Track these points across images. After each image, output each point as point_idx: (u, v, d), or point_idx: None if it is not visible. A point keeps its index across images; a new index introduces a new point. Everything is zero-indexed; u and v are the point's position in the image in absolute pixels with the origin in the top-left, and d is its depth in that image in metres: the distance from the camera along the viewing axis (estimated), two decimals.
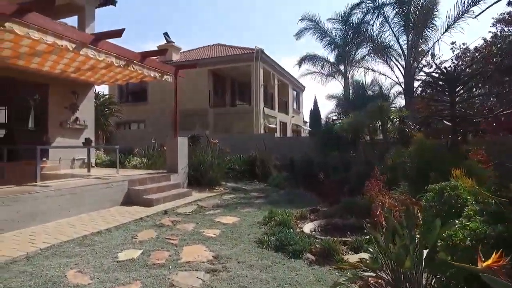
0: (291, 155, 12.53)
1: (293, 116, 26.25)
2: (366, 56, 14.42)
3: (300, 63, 15.91)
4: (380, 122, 9.67)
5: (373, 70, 14.34)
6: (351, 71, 15.86)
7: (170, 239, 4.68)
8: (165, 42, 19.62)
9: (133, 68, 7.79)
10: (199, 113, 19.24)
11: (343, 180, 8.58)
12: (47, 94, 9.27)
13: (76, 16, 10.37)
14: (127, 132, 18.45)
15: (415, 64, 13.12)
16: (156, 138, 12.86)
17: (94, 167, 10.57)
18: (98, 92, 14.30)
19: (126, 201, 6.79)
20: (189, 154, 9.48)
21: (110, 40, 6.81)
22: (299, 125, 28.54)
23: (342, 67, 16.07)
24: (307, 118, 33.14)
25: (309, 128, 31.48)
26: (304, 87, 29.83)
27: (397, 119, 9.71)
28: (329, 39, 15.27)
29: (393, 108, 11.52)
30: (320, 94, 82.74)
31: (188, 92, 19.42)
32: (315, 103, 34.53)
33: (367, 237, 3.95)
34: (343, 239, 4.37)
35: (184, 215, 6.11)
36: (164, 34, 19.86)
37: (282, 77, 22.62)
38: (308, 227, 5.35)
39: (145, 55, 7.77)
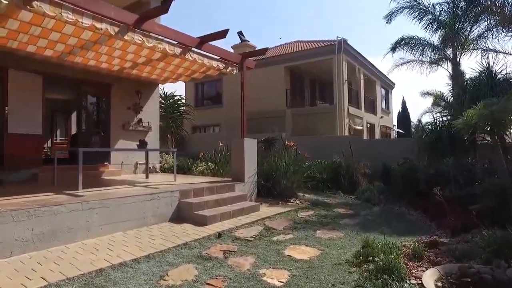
0: (383, 161, 10.08)
1: (381, 117, 23.01)
2: (487, 33, 11.09)
3: (394, 48, 13.08)
4: None
5: (496, 51, 10.90)
6: (461, 55, 12.50)
7: (212, 286, 3.08)
8: (240, 41, 18.74)
9: (191, 57, 6.56)
10: (275, 115, 17.77)
11: (465, 197, 6.04)
12: (109, 94, 8.73)
13: None
14: (200, 136, 17.94)
15: None
16: (228, 141, 11.67)
17: (158, 172, 9.79)
18: (167, 93, 13.90)
19: (176, 216, 5.48)
20: (260, 159, 7.94)
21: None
22: (389, 127, 25.02)
23: (449, 52, 12.83)
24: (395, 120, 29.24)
25: (398, 130, 27.59)
26: (393, 84, 26.22)
27: None
28: (430, 16, 12.28)
29: None
30: (409, 93, 74.60)
31: (263, 92, 18.15)
32: (403, 103, 30.36)
33: None
34: None
35: (243, 241, 4.48)
36: (238, 33, 19.02)
37: (368, 72, 19.83)
38: (430, 278, 3.22)
39: (203, 40, 6.47)
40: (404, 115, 30.06)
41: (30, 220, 3.79)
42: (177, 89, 48.26)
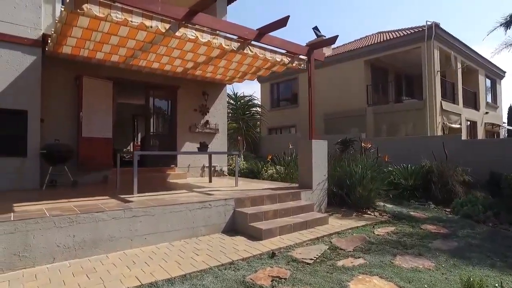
0: (489, 166, 8.11)
1: (486, 113, 19.40)
2: None
3: (509, 23, 10.39)
4: None
5: None
6: None
7: None
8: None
9: (251, 51, 6.04)
10: (354, 114, 16.29)
11: None
12: (175, 97, 8.74)
13: None
14: (273, 137, 17.39)
15: None
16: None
17: (226, 176, 9.51)
18: (237, 93, 13.68)
19: (230, 227, 4.95)
20: (333, 163, 7.03)
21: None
22: (497, 124, 21.04)
23: None
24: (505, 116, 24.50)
25: (510, 127, 23.08)
26: (503, 72, 22.01)
27: None
28: None
29: None
30: None
31: (341, 90, 16.83)
32: None
33: None
34: None
35: (300, 265, 3.70)
36: (313, 28, 17.95)
37: (467, 60, 16.83)
38: None
39: (262, 31, 5.86)
40: None
41: (72, 227, 3.64)
42: (255, 91, 48.85)
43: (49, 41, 6.07)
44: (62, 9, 4.54)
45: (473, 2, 58.98)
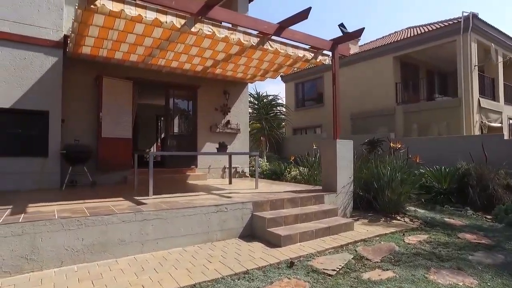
0: None
1: None
2: None
3: None
4: None
5: None
6: None
7: None
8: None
9: (272, 47, 5.76)
10: (383, 113, 15.56)
11: None
12: (196, 96, 8.60)
13: None
14: (297, 138, 16.95)
15: None
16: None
17: (248, 177, 9.27)
18: (259, 92, 13.38)
19: (247, 232, 4.67)
20: (359, 165, 6.62)
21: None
22: None
23: None
24: None
25: None
26: None
27: None
28: None
29: None
30: None
31: (368, 89, 16.15)
32: None
33: None
34: None
35: (321, 276, 3.36)
36: (339, 25, 17.22)
37: (510, 53, 15.60)
38: None
39: (283, 25, 5.55)
40: None
41: (80, 230, 3.51)
42: (280, 91, 48.40)
43: (69, 42, 6.09)
44: (76, 7, 4.47)
45: None
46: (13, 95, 6.08)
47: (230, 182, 7.41)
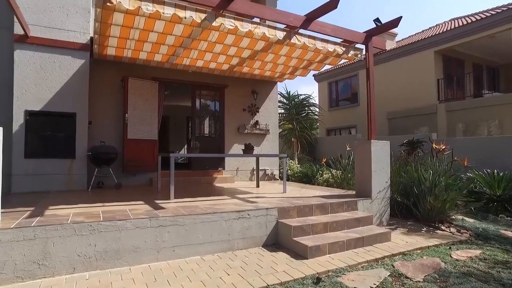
0: None
1: None
2: None
3: None
4: None
5: None
6: None
7: None
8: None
9: (299, 41, 5.37)
10: (423, 112, 14.51)
11: None
12: (223, 96, 8.37)
13: None
14: (330, 139, 16.24)
15: None
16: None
17: (277, 180, 8.90)
18: (289, 92, 12.92)
19: (272, 241, 4.32)
20: (397, 168, 6.05)
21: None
22: None
23: None
24: None
25: None
26: None
27: None
28: None
29: None
30: None
31: (406, 86, 15.16)
32: None
33: None
34: None
35: None
36: (374, 20, 16.38)
37: None
38: None
39: (310, 17, 5.15)
40: None
41: (93, 235, 3.34)
42: (313, 91, 47.36)
43: (94, 44, 6.09)
44: (95, 6, 4.38)
45: None
46: (43, 98, 6.18)
47: (258, 185, 7.08)
